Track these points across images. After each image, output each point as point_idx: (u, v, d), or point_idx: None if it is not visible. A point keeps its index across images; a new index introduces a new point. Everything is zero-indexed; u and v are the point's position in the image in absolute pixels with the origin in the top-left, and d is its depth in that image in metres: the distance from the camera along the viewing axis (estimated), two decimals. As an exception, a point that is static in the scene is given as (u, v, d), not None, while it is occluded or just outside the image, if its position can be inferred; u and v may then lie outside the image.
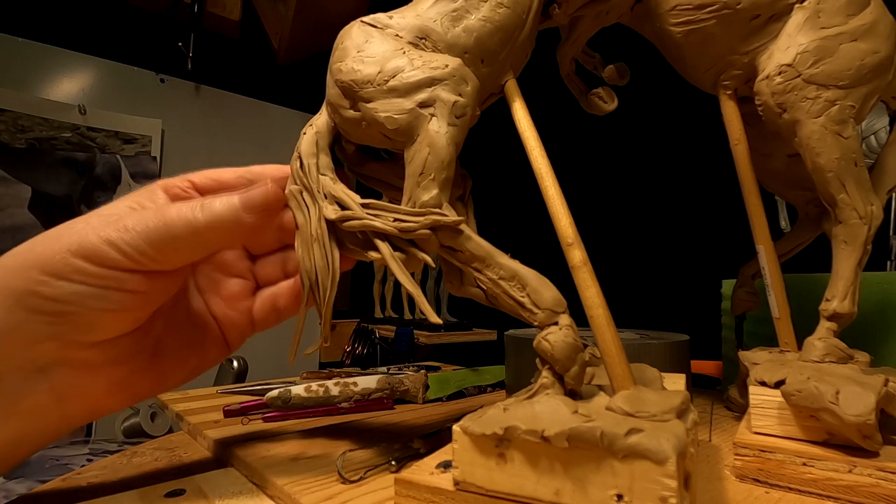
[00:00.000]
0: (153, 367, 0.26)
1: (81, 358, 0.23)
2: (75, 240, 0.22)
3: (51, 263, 0.22)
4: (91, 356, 0.23)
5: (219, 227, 0.24)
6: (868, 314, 0.37)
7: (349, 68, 0.25)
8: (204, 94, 1.53)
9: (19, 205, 1.19)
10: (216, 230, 0.24)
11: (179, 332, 0.27)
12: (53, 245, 0.22)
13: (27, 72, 1.27)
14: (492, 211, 0.77)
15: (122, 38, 1.40)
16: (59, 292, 0.22)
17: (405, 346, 1.00)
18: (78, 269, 0.22)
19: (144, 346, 0.26)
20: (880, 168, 0.32)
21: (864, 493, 0.23)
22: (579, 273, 0.23)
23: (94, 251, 0.22)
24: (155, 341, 0.26)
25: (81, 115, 1.32)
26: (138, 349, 0.25)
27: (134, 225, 0.23)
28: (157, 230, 0.23)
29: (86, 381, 0.24)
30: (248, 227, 0.24)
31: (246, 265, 0.30)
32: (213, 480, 0.27)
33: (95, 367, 0.24)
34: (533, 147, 0.26)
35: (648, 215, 1.18)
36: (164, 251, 0.23)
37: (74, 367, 0.23)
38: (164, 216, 0.23)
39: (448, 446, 0.23)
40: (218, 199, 0.24)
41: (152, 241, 0.23)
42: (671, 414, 0.19)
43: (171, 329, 0.27)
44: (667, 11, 0.33)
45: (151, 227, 0.23)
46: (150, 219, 0.23)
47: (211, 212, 0.24)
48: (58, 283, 0.22)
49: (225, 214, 0.24)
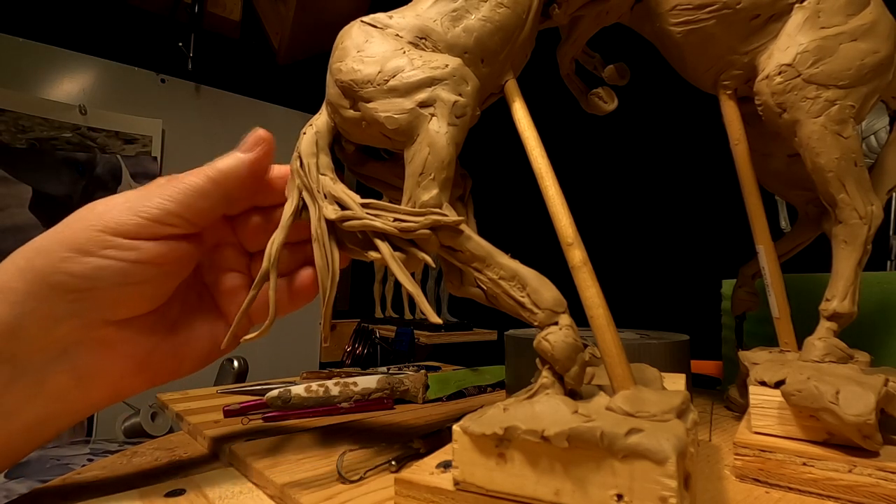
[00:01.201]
0: (170, 348, 0.27)
1: (101, 337, 0.24)
2: (103, 215, 0.24)
3: (76, 240, 0.23)
4: (110, 334, 0.25)
5: (231, 171, 0.27)
6: (868, 314, 0.37)
7: (349, 68, 0.25)
8: (204, 95, 1.53)
9: (20, 205, 1.19)
10: (230, 176, 0.27)
11: (193, 317, 0.29)
12: (78, 224, 0.24)
13: (28, 72, 1.27)
14: (492, 211, 0.77)
15: (122, 39, 1.40)
16: (84, 268, 0.23)
17: (405, 346, 1.00)
18: (105, 242, 0.23)
19: (161, 328, 0.27)
20: (880, 168, 0.32)
21: (864, 493, 0.23)
22: (579, 273, 0.23)
23: (121, 222, 0.24)
24: (171, 324, 0.28)
25: (82, 115, 1.32)
26: (155, 330, 0.26)
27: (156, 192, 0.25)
28: (180, 191, 0.25)
29: (106, 360, 0.25)
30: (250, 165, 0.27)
31: (244, 261, 0.30)
32: (213, 480, 0.27)
33: (115, 345, 0.25)
34: (533, 147, 0.26)
35: (648, 215, 1.18)
36: (191, 207, 0.25)
37: (94, 347, 0.24)
38: (183, 179, 0.26)
39: (448, 446, 0.23)
40: (219, 158, 0.27)
41: (178, 200, 0.25)
42: (671, 414, 0.19)
43: (186, 313, 0.28)
44: (667, 11, 0.33)
45: (174, 190, 0.25)
46: (170, 185, 0.25)
47: (221, 163, 0.27)
48: (84, 259, 0.23)
49: (232, 161, 0.27)
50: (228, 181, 0.27)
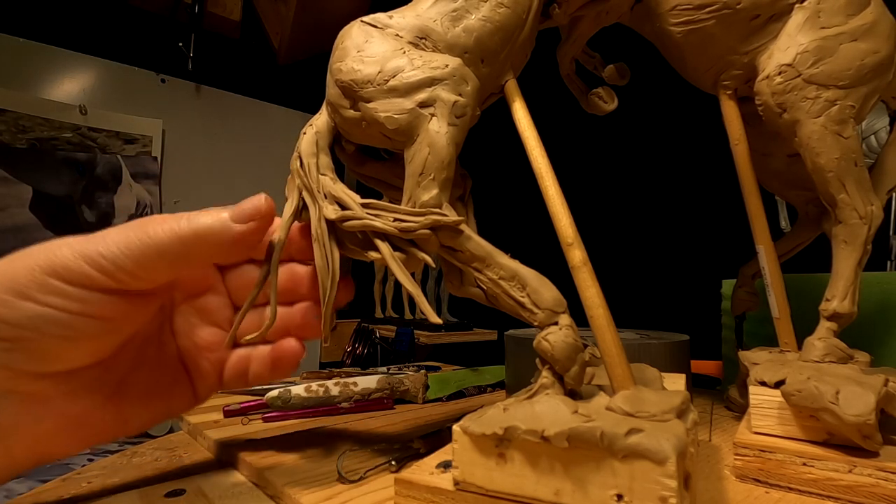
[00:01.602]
0: (113, 407, 0.24)
1: (31, 391, 0.21)
2: (49, 255, 0.21)
3: (17, 280, 0.20)
4: (43, 389, 0.21)
5: (207, 236, 0.22)
6: (868, 314, 0.37)
7: (349, 68, 0.25)
8: (204, 95, 1.53)
9: (20, 205, 1.19)
10: (203, 240, 0.22)
11: (148, 374, 0.25)
12: (25, 261, 0.21)
13: (28, 72, 1.27)
14: (492, 211, 0.77)
15: (122, 39, 1.40)
16: (19, 315, 0.20)
17: (406, 346, 1.00)
18: (47, 287, 0.20)
19: (106, 383, 0.24)
20: (880, 168, 0.32)
21: (864, 493, 0.23)
22: (579, 273, 0.23)
23: (66, 267, 0.21)
24: (119, 379, 0.24)
25: (82, 115, 1.32)
26: (98, 385, 0.23)
27: (114, 238, 0.21)
28: (140, 242, 0.21)
29: (34, 417, 0.22)
30: (235, 237, 0.23)
31: (227, 315, 0.27)
32: (213, 480, 0.27)
33: (46, 401, 0.22)
34: (533, 147, 0.26)
35: (648, 215, 1.18)
36: (145, 265, 0.22)
37: (23, 401, 0.21)
38: (147, 229, 0.22)
39: (448, 446, 0.23)
40: (205, 212, 0.23)
41: (133, 253, 0.21)
42: (671, 414, 0.19)
43: (139, 369, 0.25)
44: (667, 11, 0.33)
45: (133, 239, 0.21)
46: (132, 232, 0.22)
47: (199, 221, 0.22)
48: (21, 303, 0.20)
49: (213, 224, 0.23)
50: (201, 244, 0.22)
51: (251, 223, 0.23)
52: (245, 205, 0.23)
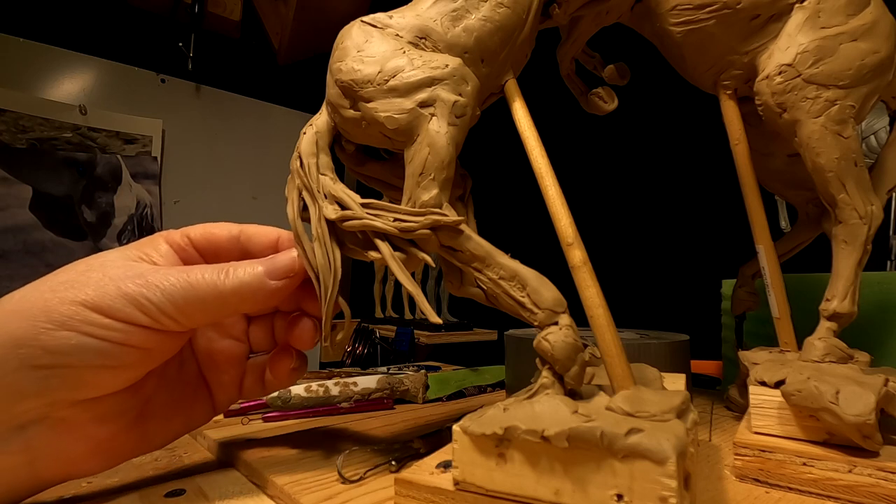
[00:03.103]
0: (138, 428, 0.25)
1: (64, 416, 0.22)
2: (91, 290, 0.21)
3: (59, 311, 0.21)
4: (75, 415, 0.22)
5: (244, 292, 0.24)
6: (868, 314, 0.37)
7: (349, 68, 0.25)
8: (204, 95, 1.53)
9: (20, 205, 1.19)
10: (240, 295, 0.24)
11: (170, 392, 0.26)
12: (65, 293, 0.21)
13: (28, 72, 1.27)
14: (492, 211, 0.77)
15: (122, 39, 1.40)
16: (60, 343, 0.20)
17: (406, 346, 1.00)
18: (89, 320, 0.21)
19: (133, 406, 0.24)
20: (880, 168, 0.32)
21: (864, 493, 0.23)
22: (579, 273, 0.23)
23: (110, 305, 0.21)
24: (144, 401, 0.25)
25: (82, 115, 1.32)
26: (126, 408, 0.24)
27: (157, 282, 0.22)
28: (183, 290, 0.23)
29: (65, 442, 0.22)
30: (271, 293, 0.24)
31: (242, 328, 0.29)
32: (213, 480, 0.27)
33: (77, 426, 0.22)
34: (533, 147, 0.26)
35: (648, 215, 1.18)
36: (187, 312, 0.23)
37: (54, 426, 0.22)
38: (189, 277, 0.23)
39: (448, 446, 0.23)
40: (242, 266, 0.24)
41: (175, 301, 0.22)
42: (671, 414, 0.19)
43: (162, 389, 0.26)
44: (667, 11, 0.33)
45: (177, 287, 0.23)
46: (175, 279, 0.23)
47: (236, 277, 0.24)
48: (62, 333, 0.20)
49: (250, 281, 0.24)
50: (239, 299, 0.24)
51: (285, 280, 0.25)
52: (278, 263, 0.25)
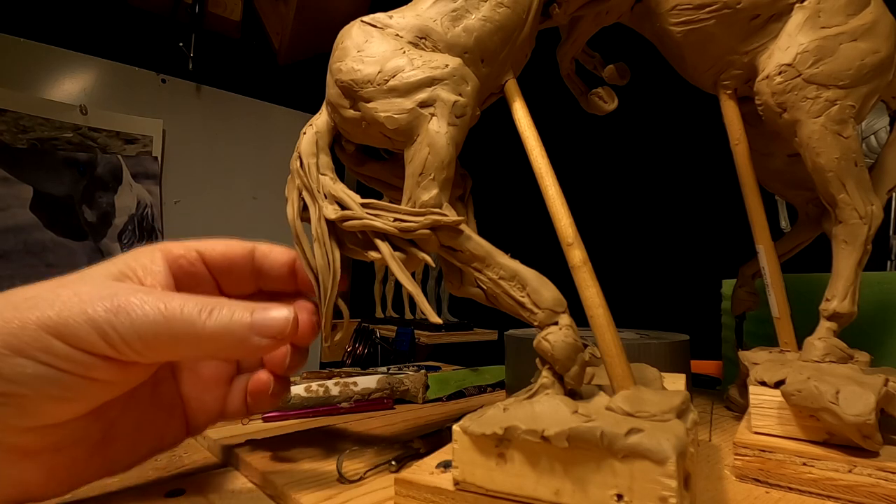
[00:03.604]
0: (100, 453, 0.23)
1: (16, 442, 0.20)
2: (55, 312, 0.19)
3: (16, 335, 0.19)
4: (28, 441, 0.20)
5: (223, 340, 0.21)
6: (868, 314, 0.37)
7: (349, 68, 0.25)
8: (205, 95, 1.53)
9: (21, 205, 1.19)
10: (218, 342, 0.21)
11: (139, 415, 0.24)
12: (28, 312, 0.19)
13: (28, 72, 1.27)
14: (492, 211, 0.77)
15: (123, 39, 1.40)
16: (14, 371, 0.18)
17: (406, 346, 1.00)
18: (47, 348, 0.19)
19: (95, 431, 0.22)
20: (880, 168, 0.32)
21: (864, 493, 0.23)
22: (579, 273, 0.23)
23: (72, 331, 0.19)
24: (107, 426, 0.23)
25: (83, 115, 1.32)
26: (86, 434, 0.22)
27: (129, 307, 0.20)
28: (153, 323, 0.20)
29: (17, 468, 0.20)
30: (252, 349, 0.21)
31: None
32: (213, 480, 0.27)
33: (32, 453, 0.21)
34: (533, 147, 0.26)
35: (648, 215, 1.18)
36: (154, 347, 0.20)
37: (7, 452, 0.20)
38: (167, 309, 0.20)
39: (448, 446, 0.23)
40: (228, 307, 0.21)
41: (143, 333, 0.20)
42: (671, 414, 0.19)
43: (130, 411, 0.24)
44: (667, 11, 0.33)
45: (149, 319, 0.20)
46: (149, 308, 0.20)
47: (219, 321, 0.21)
48: (17, 360, 0.18)
49: (233, 329, 0.21)
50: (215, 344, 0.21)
51: (271, 341, 0.22)
52: (270, 320, 0.22)
